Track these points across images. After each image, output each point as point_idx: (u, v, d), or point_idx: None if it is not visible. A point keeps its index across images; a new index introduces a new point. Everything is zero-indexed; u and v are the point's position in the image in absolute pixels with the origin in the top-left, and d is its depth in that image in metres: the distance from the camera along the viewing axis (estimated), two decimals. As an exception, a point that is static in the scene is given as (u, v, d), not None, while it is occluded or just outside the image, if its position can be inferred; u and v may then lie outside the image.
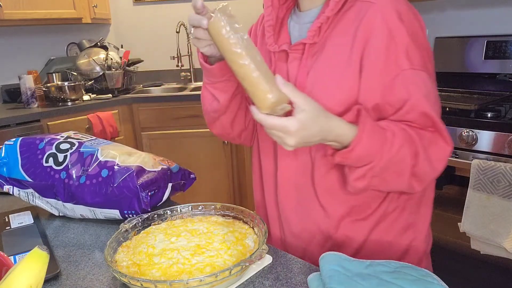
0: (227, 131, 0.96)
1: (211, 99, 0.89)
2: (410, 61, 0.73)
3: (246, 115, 0.95)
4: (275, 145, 0.90)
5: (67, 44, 3.01)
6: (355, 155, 0.71)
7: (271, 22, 0.88)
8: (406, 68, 0.73)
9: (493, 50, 1.96)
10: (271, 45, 0.87)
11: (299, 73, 0.83)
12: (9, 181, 0.91)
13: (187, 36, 3.09)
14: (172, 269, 0.65)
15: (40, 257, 0.50)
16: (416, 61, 0.74)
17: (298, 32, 0.87)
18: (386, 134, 0.72)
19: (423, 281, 0.58)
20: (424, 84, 0.74)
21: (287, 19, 0.91)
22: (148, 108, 2.61)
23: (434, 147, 0.74)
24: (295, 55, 0.83)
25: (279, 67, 0.87)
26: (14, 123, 2.16)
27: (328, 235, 0.85)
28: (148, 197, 0.86)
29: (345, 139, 0.71)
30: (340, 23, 0.79)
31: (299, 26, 0.87)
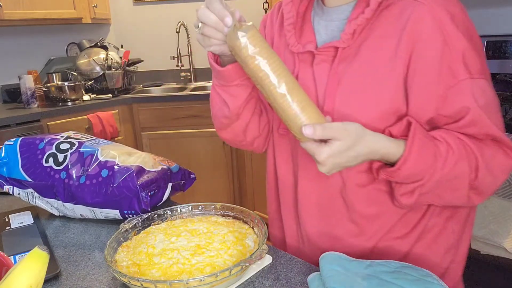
0: (239, 138, 0.88)
1: (221, 103, 0.81)
2: (468, 69, 0.65)
3: (260, 121, 0.86)
4: (294, 155, 0.83)
5: (67, 44, 3.01)
6: (402, 174, 0.66)
7: (291, 20, 0.78)
8: (464, 78, 0.65)
9: (493, 50, 1.96)
10: (293, 46, 0.77)
11: (329, 80, 0.73)
12: (9, 181, 0.91)
13: (187, 36, 3.09)
14: (172, 269, 0.65)
15: (40, 257, 0.50)
16: (474, 68, 0.66)
17: (324, 30, 0.77)
18: (440, 148, 0.66)
19: (423, 281, 0.58)
20: (484, 93, 0.67)
21: (309, 14, 0.81)
22: (148, 108, 2.61)
23: (495, 160, 0.68)
24: (322, 57, 0.74)
25: (304, 70, 0.78)
26: (14, 123, 2.16)
27: (360, 255, 0.77)
28: (148, 197, 0.86)
29: (392, 157, 0.66)
30: (378, 22, 0.70)
31: (325, 23, 0.77)
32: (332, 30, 0.76)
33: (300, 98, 0.63)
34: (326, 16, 0.77)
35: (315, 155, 0.63)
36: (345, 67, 0.72)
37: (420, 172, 0.66)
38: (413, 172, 0.65)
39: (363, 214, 0.76)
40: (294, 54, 0.79)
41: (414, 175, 0.66)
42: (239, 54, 0.63)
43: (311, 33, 0.78)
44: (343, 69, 0.72)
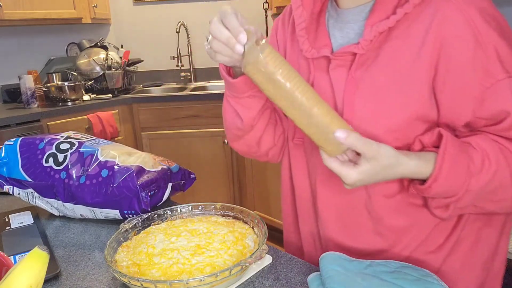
0: (253, 149, 0.85)
1: (233, 115, 0.77)
2: (504, 67, 0.61)
3: (275, 131, 0.83)
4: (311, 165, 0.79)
5: (67, 44, 3.01)
6: (432, 192, 0.63)
7: (303, 25, 0.74)
8: (502, 78, 0.61)
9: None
10: (307, 51, 0.73)
11: (347, 86, 0.69)
12: (9, 181, 0.91)
13: (187, 36, 3.09)
14: (172, 269, 0.65)
15: (40, 257, 0.50)
16: (511, 65, 0.62)
17: (340, 33, 0.73)
18: (475, 161, 0.62)
19: (423, 281, 0.58)
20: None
21: (324, 17, 0.77)
22: (148, 108, 2.61)
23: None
24: (338, 62, 0.70)
25: (319, 77, 0.74)
26: (14, 123, 2.16)
27: None
28: (148, 197, 0.86)
29: (422, 176, 0.63)
30: (399, 23, 0.65)
31: (341, 25, 0.73)
32: (347, 33, 0.72)
33: (325, 109, 0.61)
34: (341, 18, 0.73)
35: (342, 177, 0.61)
36: (364, 72, 0.68)
37: (452, 188, 0.63)
38: (444, 189, 0.63)
39: (391, 227, 0.72)
40: (309, 60, 0.75)
41: (446, 191, 0.63)
42: (257, 72, 0.60)
43: (325, 37, 0.74)
44: (361, 74, 0.68)
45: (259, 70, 0.60)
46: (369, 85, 0.67)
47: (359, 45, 0.66)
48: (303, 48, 0.74)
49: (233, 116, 0.78)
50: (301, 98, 0.60)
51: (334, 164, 0.62)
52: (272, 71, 0.59)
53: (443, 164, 0.61)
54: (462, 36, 0.61)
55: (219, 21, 0.63)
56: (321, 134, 0.62)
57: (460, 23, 0.61)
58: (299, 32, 0.74)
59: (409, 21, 0.64)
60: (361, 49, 0.66)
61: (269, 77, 0.60)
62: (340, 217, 0.76)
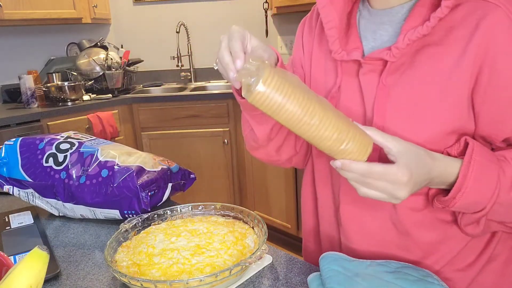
0: (274, 158, 0.81)
1: (248, 128, 0.75)
2: None
3: (296, 140, 0.79)
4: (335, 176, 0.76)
5: (67, 44, 3.01)
6: (458, 204, 0.59)
7: (332, 24, 0.68)
8: None
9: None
10: (337, 53, 0.68)
11: (378, 93, 0.65)
12: (9, 181, 0.91)
13: (187, 36, 3.09)
14: (172, 269, 0.65)
15: (40, 257, 0.50)
16: None
17: (372, 35, 0.69)
18: (506, 172, 0.58)
19: (423, 281, 0.58)
20: None
21: (354, 17, 0.72)
22: (148, 108, 2.61)
23: None
24: (370, 67, 0.66)
25: (348, 81, 0.69)
26: (14, 123, 2.16)
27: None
28: (148, 197, 0.86)
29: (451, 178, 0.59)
30: (438, 27, 0.60)
31: (374, 27, 0.69)
32: (381, 35, 0.67)
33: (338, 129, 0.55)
34: (375, 19, 0.68)
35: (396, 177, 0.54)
36: (397, 79, 0.63)
37: (479, 200, 0.58)
38: (470, 201, 0.58)
39: (419, 242, 0.69)
40: (337, 62, 0.71)
41: (472, 204, 0.59)
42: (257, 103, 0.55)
43: (356, 39, 0.69)
44: (394, 81, 0.64)
45: (259, 101, 0.55)
46: (402, 93, 0.63)
47: (391, 52, 0.62)
48: (332, 49, 0.69)
49: (249, 130, 0.76)
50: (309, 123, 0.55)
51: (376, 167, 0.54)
52: (271, 104, 0.54)
53: (468, 173, 0.57)
54: (510, 46, 0.56)
55: (226, 44, 0.60)
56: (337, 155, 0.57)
57: (509, 31, 0.56)
58: (329, 32, 0.69)
59: (450, 26, 0.60)
60: (392, 57, 0.62)
61: (270, 109, 0.55)
62: (364, 228, 0.73)
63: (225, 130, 2.60)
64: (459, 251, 0.69)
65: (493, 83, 0.58)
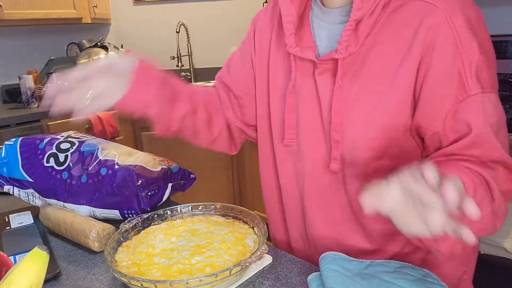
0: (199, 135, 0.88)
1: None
2: (480, 83, 0.61)
3: (212, 125, 0.88)
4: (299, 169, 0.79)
5: (67, 44, 3.01)
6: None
7: (290, 18, 0.71)
8: (475, 93, 0.60)
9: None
10: (291, 47, 0.70)
11: (335, 93, 0.68)
12: (9, 181, 0.91)
13: (187, 36, 3.09)
14: (172, 269, 0.65)
15: (40, 257, 0.50)
16: (486, 81, 0.61)
17: (326, 33, 0.71)
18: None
19: (423, 281, 0.58)
20: (495, 109, 0.62)
21: (308, 15, 0.74)
22: (148, 108, 2.61)
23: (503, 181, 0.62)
24: (325, 66, 0.69)
25: (304, 81, 0.72)
26: (14, 123, 2.16)
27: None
28: (148, 197, 0.86)
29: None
30: (387, 26, 0.64)
31: (327, 26, 0.71)
32: (335, 34, 0.70)
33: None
34: (327, 18, 0.71)
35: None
36: (351, 78, 0.67)
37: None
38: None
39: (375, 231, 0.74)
40: (290, 58, 0.73)
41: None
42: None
43: (309, 39, 0.72)
44: (348, 81, 0.67)
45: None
46: (356, 93, 0.67)
47: (337, 50, 0.65)
48: (287, 43, 0.71)
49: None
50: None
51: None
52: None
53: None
54: (444, 46, 0.60)
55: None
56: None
57: (446, 29, 0.60)
58: (286, 25, 0.71)
59: (398, 26, 0.63)
60: (339, 54, 0.65)
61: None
62: (328, 217, 0.77)
63: (225, 130, 2.60)
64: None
65: (426, 79, 0.62)
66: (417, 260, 0.75)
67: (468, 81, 0.60)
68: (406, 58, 0.63)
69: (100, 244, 0.78)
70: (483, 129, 0.61)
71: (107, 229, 0.79)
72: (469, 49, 0.60)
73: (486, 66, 0.61)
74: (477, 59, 0.60)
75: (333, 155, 0.72)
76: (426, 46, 0.61)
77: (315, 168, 0.76)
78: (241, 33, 3.41)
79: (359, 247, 0.76)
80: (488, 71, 0.62)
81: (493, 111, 0.62)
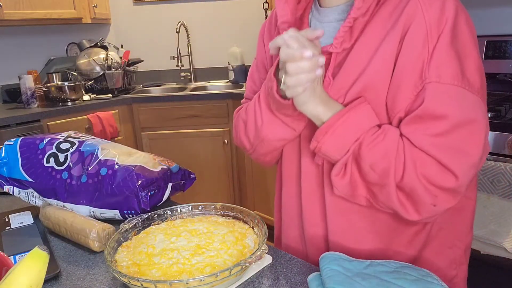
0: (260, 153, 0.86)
1: (281, 129, 0.77)
2: (437, 72, 0.61)
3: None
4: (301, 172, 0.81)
5: (67, 44, 3.01)
6: (326, 140, 0.65)
7: (285, 18, 0.75)
8: (429, 81, 0.62)
9: (493, 50, 1.96)
10: None
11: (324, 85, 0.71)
12: (9, 181, 0.91)
13: (187, 36, 3.09)
14: (172, 269, 0.65)
15: (40, 257, 0.50)
16: (447, 72, 0.61)
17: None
18: (374, 127, 0.65)
19: (423, 281, 0.58)
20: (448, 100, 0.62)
21: (307, 16, 0.79)
22: (148, 108, 2.61)
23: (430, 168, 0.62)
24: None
25: None
26: (14, 123, 2.16)
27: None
28: (148, 197, 0.86)
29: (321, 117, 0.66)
30: (373, 21, 0.67)
31: (322, 25, 0.75)
32: (329, 32, 0.73)
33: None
34: (323, 17, 0.75)
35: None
36: (337, 72, 0.70)
37: (346, 139, 0.65)
38: (339, 136, 0.65)
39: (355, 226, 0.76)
40: None
41: (341, 139, 0.65)
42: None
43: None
44: (334, 74, 0.70)
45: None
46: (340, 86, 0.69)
47: (333, 44, 0.69)
48: None
49: (281, 130, 0.77)
50: None
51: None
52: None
53: (341, 118, 0.64)
54: (414, 35, 0.62)
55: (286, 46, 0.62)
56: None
57: (417, 22, 0.62)
58: (281, 25, 0.75)
59: (381, 19, 0.66)
60: (334, 48, 0.68)
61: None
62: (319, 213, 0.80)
63: (225, 130, 2.60)
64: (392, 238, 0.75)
65: (398, 67, 0.64)
66: (408, 258, 0.76)
67: (426, 70, 0.62)
68: (382, 44, 0.65)
69: (100, 244, 0.78)
70: (423, 111, 0.62)
71: (107, 229, 0.79)
72: (434, 39, 0.61)
73: (450, 58, 0.61)
74: (439, 50, 0.61)
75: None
76: (402, 35, 0.64)
77: (310, 163, 0.78)
78: (241, 33, 3.44)
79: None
80: (452, 63, 0.61)
81: (447, 101, 0.61)
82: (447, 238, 0.77)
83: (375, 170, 0.64)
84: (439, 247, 0.77)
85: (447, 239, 0.77)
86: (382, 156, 0.64)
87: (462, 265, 0.81)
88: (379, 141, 0.64)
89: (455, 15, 0.62)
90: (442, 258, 0.77)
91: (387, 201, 0.66)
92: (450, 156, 0.61)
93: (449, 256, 0.78)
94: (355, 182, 0.68)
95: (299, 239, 0.87)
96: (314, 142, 0.68)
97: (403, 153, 0.63)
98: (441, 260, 0.77)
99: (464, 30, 0.63)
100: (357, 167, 0.66)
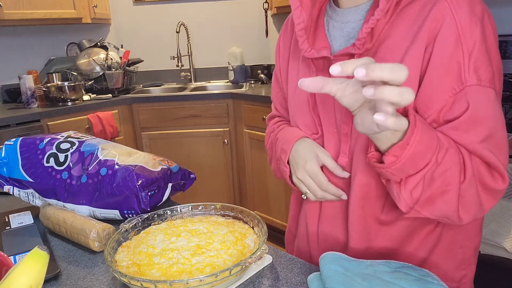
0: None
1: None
2: (477, 75, 0.61)
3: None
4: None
5: (67, 44, 3.01)
6: (409, 153, 0.56)
7: (302, 26, 0.74)
8: (470, 84, 0.61)
9: (493, 50, 1.96)
10: (307, 51, 0.73)
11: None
12: (9, 181, 0.91)
13: (187, 36, 3.09)
14: (172, 269, 0.65)
15: (40, 257, 0.50)
16: (485, 75, 0.62)
17: (340, 33, 0.74)
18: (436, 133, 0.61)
19: (423, 281, 0.58)
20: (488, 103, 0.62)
21: (322, 18, 0.78)
22: (148, 108, 2.61)
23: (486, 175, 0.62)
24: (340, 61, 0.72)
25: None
26: (14, 123, 2.16)
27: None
28: (147, 197, 0.86)
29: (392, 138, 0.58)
30: (398, 21, 0.66)
31: (340, 26, 0.74)
32: (348, 32, 0.73)
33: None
34: (341, 18, 0.74)
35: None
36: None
37: (427, 151, 0.57)
38: (420, 150, 0.57)
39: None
40: (309, 61, 0.76)
41: (422, 154, 0.57)
42: None
43: (324, 40, 0.74)
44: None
45: None
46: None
47: (355, 45, 0.67)
48: (302, 48, 0.74)
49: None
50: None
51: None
52: None
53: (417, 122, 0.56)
54: (446, 37, 0.62)
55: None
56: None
57: (447, 23, 0.61)
58: (298, 32, 0.74)
59: (408, 20, 0.65)
60: (357, 49, 0.67)
61: None
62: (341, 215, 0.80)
63: (225, 130, 2.60)
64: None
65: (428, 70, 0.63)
66: (417, 260, 0.76)
67: (466, 73, 0.61)
68: (411, 47, 0.64)
69: (100, 244, 0.77)
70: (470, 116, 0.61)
71: (107, 229, 0.79)
72: (469, 40, 0.61)
73: (485, 60, 0.62)
74: (477, 52, 0.61)
75: (342, 148, 0.75)
76: (431, 37, 0.63)
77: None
78: (241, 33, 3.44)
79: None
80: (487, 65, 0.62)
81: (487, 104, 0.62)
82: (457, 239, 0.77)
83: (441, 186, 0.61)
84: (449, 248, 0.77)
85: (458, 239, 0.77)
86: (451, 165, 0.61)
87: (471, 265, 0.80)
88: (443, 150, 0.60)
89: (482, 16, 0.63)
90: (452, 258, 0.77)
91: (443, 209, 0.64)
92: (496, 157, 0.63)
93: (459, 257, 0.78)
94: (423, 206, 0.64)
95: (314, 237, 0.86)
96: (391, 157, 0.58)
97: (463, 159, 0.62)
98: (451, 261, 0.77)
99: (490, 31, 0.64)
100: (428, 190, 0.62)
